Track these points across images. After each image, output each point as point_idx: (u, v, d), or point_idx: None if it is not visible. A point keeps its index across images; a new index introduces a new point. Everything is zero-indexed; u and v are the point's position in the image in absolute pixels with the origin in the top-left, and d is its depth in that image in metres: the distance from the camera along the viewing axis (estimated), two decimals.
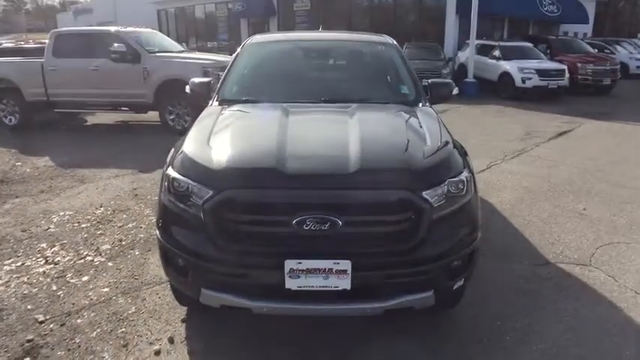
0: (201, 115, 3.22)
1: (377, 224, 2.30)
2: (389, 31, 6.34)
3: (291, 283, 2.26)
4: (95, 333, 3.01)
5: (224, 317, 3.16)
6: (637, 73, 19.77)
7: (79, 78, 9.21)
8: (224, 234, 2.31)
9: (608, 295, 3.43)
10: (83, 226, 4.80)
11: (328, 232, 2.22)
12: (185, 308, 3.24)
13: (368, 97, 3.47)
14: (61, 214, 5.13)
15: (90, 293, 3.50)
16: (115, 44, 8.87)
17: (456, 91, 3.77)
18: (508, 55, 14.36)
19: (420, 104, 3.45)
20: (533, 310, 3.23)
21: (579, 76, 14.62)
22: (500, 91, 14.03)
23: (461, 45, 17.25)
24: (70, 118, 10.85)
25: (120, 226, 4.76)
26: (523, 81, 13.42)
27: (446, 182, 2.40)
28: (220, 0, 25.57)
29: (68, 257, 4.09)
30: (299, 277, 2.25)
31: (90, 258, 4.08)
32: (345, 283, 2.25)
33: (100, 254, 4.14)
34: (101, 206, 5.34)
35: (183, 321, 3.13)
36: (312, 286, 2.26)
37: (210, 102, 3.60)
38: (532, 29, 21.43)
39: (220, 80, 3.78)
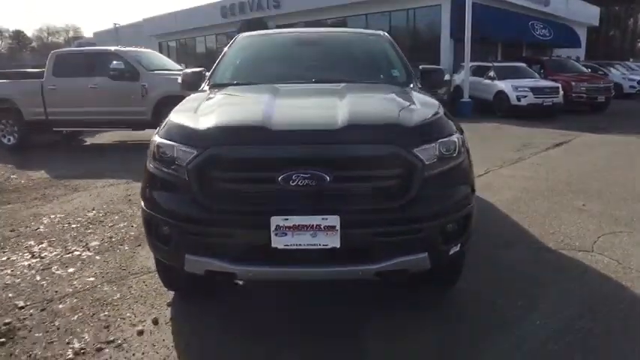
0: (190, 96, 3.20)
1: (366, 180, 2.23)
2: None
3: (277, 242, 2.17)
4: (76, 317, 2.88)
5: (211, 300, 3.03)
6: (630, 92, 20.01)
7: (78, 96, 9.28)
8: (208, 194, 2.23)
9: (613, 275, 3.30)
10: (73, 226, 4.70)
11: (316, 188, 2.14)
12: (172, 293, 3.11)
13: (358, 77, 3.46)
14: (52, 216, 5.05)
15: (75, 282, 3.38)
16: (114, 62, 9.00)
17: (447, 77, 3.76)
18: (503, 74, 14.55)
19: (412, 85, 3.43)
20: (536, 290, 3.10)
21: (574, 94, 14.75)
22: (495, 109, 14.15)
23: (456, 68, 17.53)
24: (69, 138, 10.88)
25: (111, 226, 4.66)
26: (518, 99, 13.54)
27: (437, 142, 2.34)
28: (220, 31, 26.24)
29: (55, 252, 3.98)
30: (285, 234, 2.15)
31: (78, 253, 3.97)
32: (334, 241, 2.16)
33: (89, 249, 4.04)
34: (93, 209, 5.26)
35: (169, 305, 3.00)
36: (300, 245, 2.16)
37: (202, 87, 3.59)
38: (525, 53, 21.85)
39: (212, 68, 3.79)
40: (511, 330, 2.64)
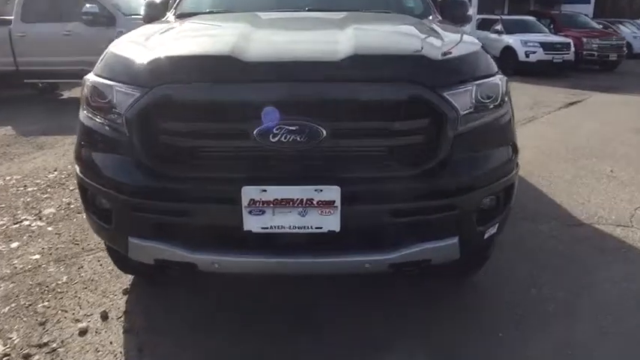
0: (144, 26, 2.47)
1: (378, 136, 1.60)
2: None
3: (251, 223, 1.55)
4: (7, 308, 2.30)
5: (178, 289, 2.45)
6: None
7: (51, 44, 8.42)
8: (156, 154, 1.60)
9: None
10: (29, 190, 4.06)
11: (306, 147, 1.51)
12: (130, 277, 2.52)
13: (363, 6, 2.74)
14: (7, 178, 4.39)
15: (15, 261, 2.78)
16: (87, 5, 8.05)
17: (471, 11, 3.04)
18: (510, 29, 13.63)
19: (431, 18, 2.72)
20: (574, 276, 2.55)
21: (584, 52, 13.92)
22: (502, 66, 13.29)
23: None
24: (44, 92, 10.03)
25: (72, 190, 4.02)
26: (527, 55, 12.70)
27: (474, 83, 1.68)
28: None
29: (1, 222, 3.36)
30: (263, 212, 1.54)
31: (27, 223, 3.35)
32: (332, 222, 1.55)
33: (40, 219, 3.42)
34: (55, 170, 4.60)
35: (125, 292, 2.42)
36: (283, 227, 1.55)
37: (165, 17, 2.85)
38: (533, 7, 20.68)
39: None
40: (555, 331, 2.09)
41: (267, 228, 1.55)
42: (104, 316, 2.22)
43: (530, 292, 2.41)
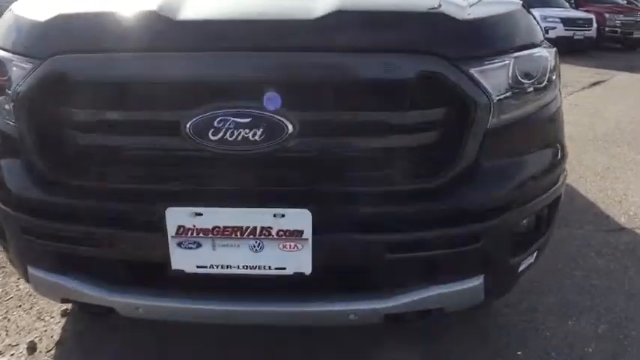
0: None
1: (371, 133, 1.07)
2: None
3: (182, 260, 1.06)
4: None
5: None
6: None
7: None
8: (50, 153, 1.10)
9: None
10: None
11: (264, 149, 1.00)
12: None
13: None
14: None
15: None
16: None
17: None
18: (529, 3, 12.74)
19: None
20: (620, 300, 2.05)
21: (607, 28, 13.10)
22: None
23: None
24: None
25: None
26: (546, 31, 11.85)
27: (512, 55, 1.15)
28: None
29: None
30: (199, 245, 1.04)
31: None
32: (299, 261, 1.05)
33: None
34: None
35: (64, 314, 1.96)
36: (230, 267, 1.06)
37: None
38: None
39: None
40: None
41: (205, 267, 1.06)
42: (31, 348, 1.77)
43: (566, 324, 1.91)
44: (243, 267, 1.05)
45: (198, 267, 1.06)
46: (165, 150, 1.05)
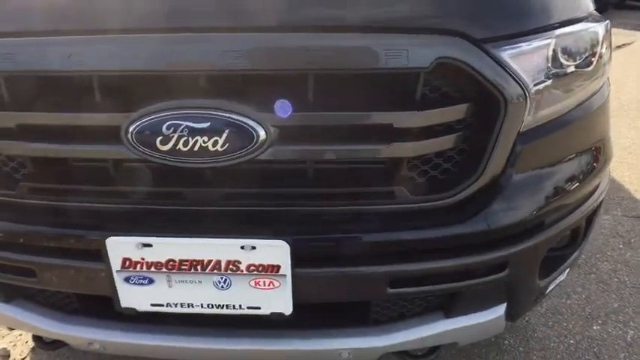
0: None
1: (367, 139, 0.81)
2: None
3: (133, 297, 0.86)
4: None
5: None
6: None
7: None
8: None
9: None
10: None
11: (228, 163, 0.77)
12: None
13: None
14: None
15: None
16: None
17: None
18: None
19: None
20: None
21: None
22: None
23: None
24: None
25: None
26: None
27: (553, 33, 0.89)
28: None
29: None
30: (151, 281, 0.83)
31: None
32: (277, 301, 0.84)
33: None
34: None
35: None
36: (191, 306, 0.85)
37: None
38: None
39: None
40: None
41: (161, 305, 0.86)
42: (5, 355, 1.63)
43: (591, 328, 1.71)
44: (208, 306, 0.85)
45: (152, 305, 0.85)
46: (104, 163, 0.82)
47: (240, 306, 0.84)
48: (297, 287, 0.82)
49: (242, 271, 0.80)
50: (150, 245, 0.79)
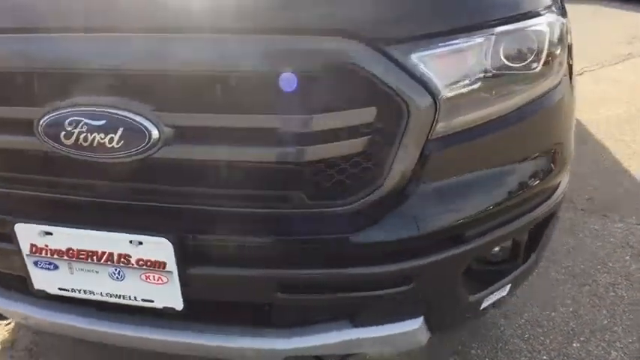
0: None
1: (260, 141, 0.80)
2: None
3: (42, 280, 0.91)
4: None
5: None
6: None
7: None
8: None
9: None
10: None
11: (123, 159, 0.79)
12: None
13: None
14: None
15: None
16: None
17: None
18: None
19: None
20: None
21: None
22: None
23: None
24: None
25: None
26: None
27: (487, 32, 0.82)
28: None
29: None
30: (55, 267, 0.87)
31: None
32: (167, 296, 0.86)
33: None
34: None
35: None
36: (92, 294, 0.89)
37: None
38: None
39: None
40: None
41: (67, 290, 0.90)
42: None
43: (570, 346, 1.61)
44: (107, 295, 0.88)
45: (60, 289, 0.90)
46: (16, 153, 0.86)
47: (135, 298, 0.87)
48: (185, 284, 0.83)
49: (133, 264, 0.82)
50: (51, 234, 0.83)
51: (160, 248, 0.80)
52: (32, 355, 1.52)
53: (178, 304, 0.85)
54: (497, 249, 1.03)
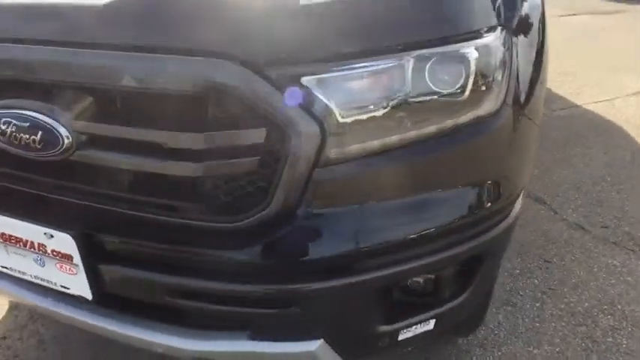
0: None
1: (152, 154, 0.84)
2: None
3: None
4: None
5: None
6: None
7: None
8: None
9: None
10: None
11: (44, 157, 0.88)
12: None
13: None
14: None
15: None
16: None
17: None
18: None
19: None
20: None
21: None
22: None
23: None
24: None
25: None
26: None
27: (403, 55, 0.80)
28: None
29: None
30: None
31: None
32: (78, 285, 0.95)
33: None
34: None
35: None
36: (24, 274, 1.00)
37: None
38: None
39: None
40: None
41: (6, 268, 1.02)
42: None
43: None
44: (35, 277, 0.98)
45: (2, 267, 1.02)
46: None
47: (55, 283, 0.96)
48: (91, 278, 0.91)
49: (49, 254, 0.91)
50: None
51: (65, 242, 0.88)
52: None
53: (88, 295, 0.94)
54: (420, 281, 0.99)
